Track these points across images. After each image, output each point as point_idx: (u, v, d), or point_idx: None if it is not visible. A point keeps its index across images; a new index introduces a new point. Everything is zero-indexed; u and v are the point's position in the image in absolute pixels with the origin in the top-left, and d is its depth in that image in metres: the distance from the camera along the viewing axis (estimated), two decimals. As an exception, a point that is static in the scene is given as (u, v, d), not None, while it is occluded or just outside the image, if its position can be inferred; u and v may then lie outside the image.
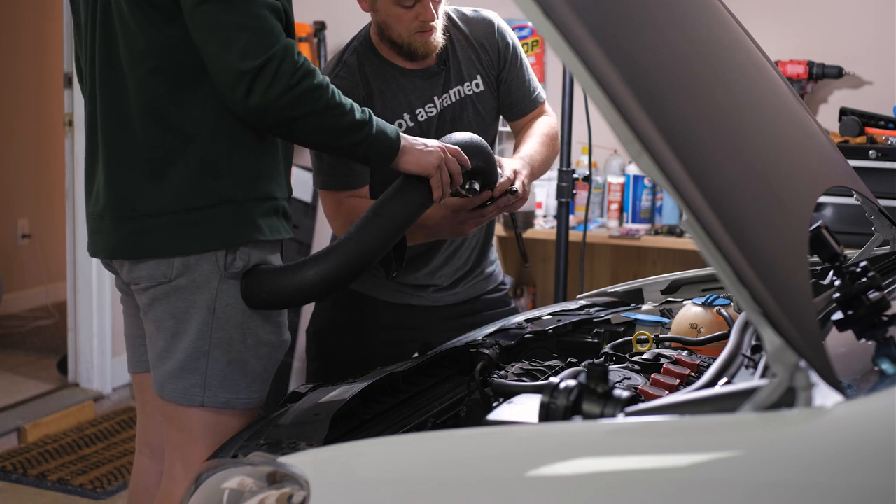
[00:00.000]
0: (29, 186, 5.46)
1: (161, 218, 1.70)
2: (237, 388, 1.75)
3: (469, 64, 2.21)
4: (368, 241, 1.76)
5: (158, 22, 1.67)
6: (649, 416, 1.18)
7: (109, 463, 3.61)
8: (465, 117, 2.20)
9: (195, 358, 1.73)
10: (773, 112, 1.66)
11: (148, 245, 1.72)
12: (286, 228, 1.79)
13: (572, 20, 1.16)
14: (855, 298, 1.45)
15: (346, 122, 1.69)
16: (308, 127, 1.67)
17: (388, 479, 1.22)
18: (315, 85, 1.64)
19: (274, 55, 1.60)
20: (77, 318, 4.20)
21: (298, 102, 1.63)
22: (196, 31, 1.63)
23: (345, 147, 1.74)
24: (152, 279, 1.72)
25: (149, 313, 1.76)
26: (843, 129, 3.36)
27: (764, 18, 3.66)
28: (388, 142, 1.76)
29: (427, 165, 1.80)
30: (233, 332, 1.73)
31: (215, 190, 1.70)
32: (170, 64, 1.68)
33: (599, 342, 1.90)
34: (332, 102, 1.67)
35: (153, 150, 1.71)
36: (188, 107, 1.69)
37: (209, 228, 1.70)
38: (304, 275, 1.73)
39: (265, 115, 1.63)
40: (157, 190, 1.70)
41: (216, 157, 1.70)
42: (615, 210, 3.86)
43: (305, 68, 1.63)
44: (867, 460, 1.03)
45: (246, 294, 1.73)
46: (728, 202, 1.21)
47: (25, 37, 5.37)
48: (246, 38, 1.60)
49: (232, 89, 1.61)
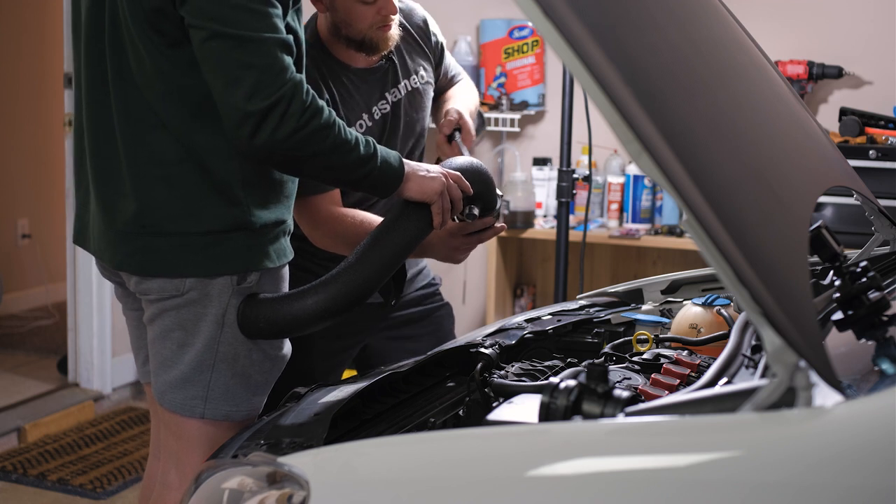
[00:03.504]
0: (29, 186, 5.46)
1: (173, 238, 1.68)
2: (238, 402, 1.74)
3: (413, 57, 2.22)
4: (369, 271, 1.74)
5: (162, 47, 1.64)
6: (649, 416, 1.18)
7: (109, 463, 3.61)
8: (414, 110, 2.20)
9: (199, 371, 1.72)
10: (773, 112, 1.66)
11: (157, 264, 1.70)
12: (291, 249, 1.79)
13: (572, 20, 1.16)
14: (855, 298, 1.45)
15: (352, 158, 1.67)
16: (316, 165, 1.66)
17: (388, 479, 1.22)
18: (322, 124, 1.62)
19: (283, 97, 1.57)
20: (77, 318, 4.20)
21: (307, 143, 1.61)
22: (204, 65, 1.60)
23: (351, 181, 1.73)
24: (164, 292, 1.71)
25: (155, 321, 1.74)
26: (843, 129, 3.36)
27: (764, 18, 3.66)
28: (393, 171, 1.75)
29: (430, 192, 1.79)
30: (239, 347, 1.72)
31: (229, 215, 1.68)
32: (178, 87, 1.65)
33: (599, 342, 1.90)
34: (339, 140, 1.65)
35: (166, 167, 1.68)
36: (201, 128, 1.67)
37: (220, 253, 1.68)
38: (304, 304, 1.71)
39: (271, 155, 1.61)
40: (168, 208, 1.68)
41: (229, 180, 1.68)
42: (615, 210, 3.86)
43: (314, 107, 1.61)
44: (867, 460, 1.03)
45: (243, 323, 1.71)
46: (728, 202, 1.21)
47: (25, 37, 5.37)
48: (254, 78, 1.56)
49: (237, 129, 1.59)
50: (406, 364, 1.72)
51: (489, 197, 1.95)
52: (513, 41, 3.96)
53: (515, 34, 3.96)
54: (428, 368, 1.75)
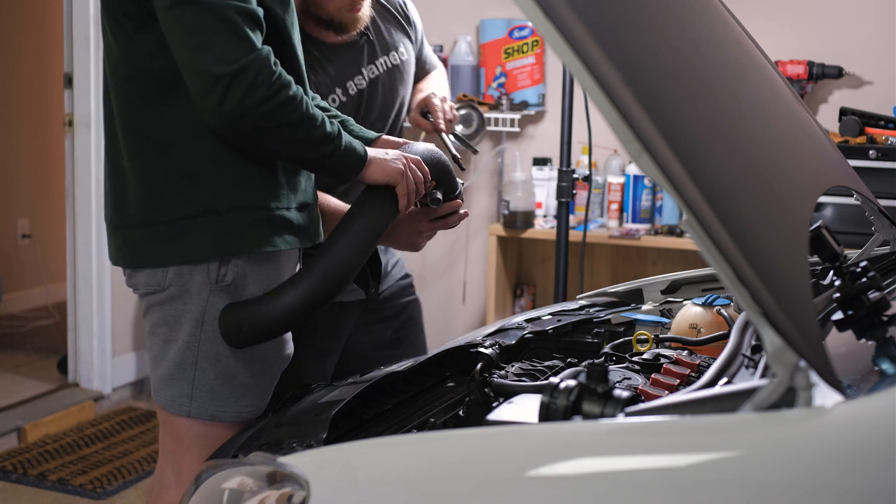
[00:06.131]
0: (29, 186, 5.46)
1: (147, 228, 1.69)
2: (225, 402, 1.72)
3: (393, 34, 2.22)
4: (342, 258, 1.72)
5: (129, 31, 1.66)
6: (649, 416, 1.18)
7: (109, 463, 3.61)
8: (394, 87, 2.21)
9: (183, 367, 1.71)
10: (773, 112, 1.66)
11: (140, 255, 1.71)
12: (285, 240, 1.72)
13: (572, 20, 1.16)
14: (855, 298, 1.45)
15: (317, 134, 1.66)
16: (280, 138, 1.64)
17: (388, 479, 1.22)
18: (291, 96, 1.61)
19: (250, 63, 1.56)
20: (77, 318, 4.20)
21: (275, 113, 1.59)
22: (170, 36, 1.60)
23: (313, 160, 1.70)
24: (148, 286, 1.72)
25: (146, 316, 1.76)
26: (843, 129, 3.36)
27: (764, 18, 3.66)
28: (356, 154, 1.73)
29: (393, 173, 1.77)
30: (221, 347, 1.70)
31: (195, 199, 1.66)
32: (143, 72, 1.66)
33: (599, 342, 1.90)
34: (305, 115, 1.64)
35: (133, 158, 1.69)
36: (165, 114, 1.66)
37: (193, 239, 1.67)
38: (283, 300, 1.67)
39: (239, 123, 1.59)
40: (140, 199, 1.69)
41: (195, 165, 1.67)
42: (615, 210, 3.86)
43: (283, 79, 1.60)
44: (867, 460, 1.03)
45: (227, 334, 1.68)
46: (728, 202, 1.21)
47: (25, 37, 5.37)
48: (221, 43, 1.56)
49: (205, 95, 1.57)
50: (406, 364, 1.72)
51: (449, 181, 1.95)
52: (513, 41, 3.96)
53: (515, 34, 3.96)
54: (428, 368, 1.75)
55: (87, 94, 4.02)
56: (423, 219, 2.01)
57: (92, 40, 4.00)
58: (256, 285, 1.71)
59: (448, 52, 4.12)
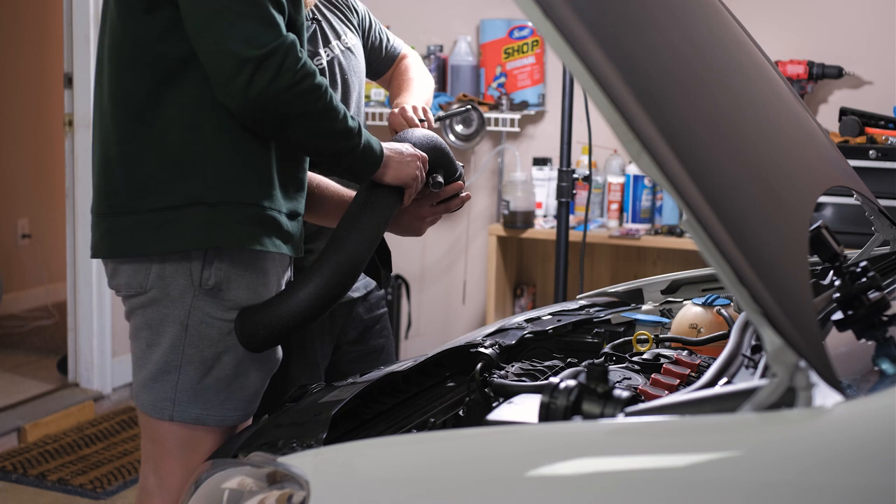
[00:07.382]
0: (29, 186, 5.46)
1: (134, 216, 1.64)
2: (209, 405, 1.69)
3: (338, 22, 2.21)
4: (352, 251, 1.71)
5: (138, 12, 1.62)
6: (649, 416, 1.18)
7: (109, 463, 3.61)
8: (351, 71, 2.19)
9: (166, 371, 1.68)
10: (773, 112, 1.66)
11: (119, 244, 1.66)
12: (274, 243, 1.67)
13: (572, 20, 1.16)
14: (855, 298, 1.45)
15: (339, 127, 1.64)
16: (302, 128, 1.62)
17: (388, 479, 1.22)
18: (316, 84, 1.60)
19: (278, 47, 1.55)
20: (77, 318, 4.20)
21: (300, 101, 1.58)
22: (195, 17, 1.57)
23: (332, 154, 1.68)
24: (130, 288, 1.68)
25: (129, 319, 1.73)
26: (843, 129, 3.36)
27: (764, 18, 3.66)
28: (373, 154, 1.72)
29: (406, 178, 1.77)
30: (206, 350, 1.67)
31: (185, 189, 1.63)
32: (148, 56, 1.63)
33: (599, 342, 1.90)
34: (329, 106, 1.62)
35: (125, 144, 1.65)
36: (163, 102, 1.63)
37: (179, 229, 1.62)
38: (297, 297, 1.66)
39: (264, 109, 1.57)
40: (129, 186, 1.64)
41: (189, 155, 1.63)
42: (615, 210, 3.86)
43: (308, 66, 1.59)
44: (867, 460, 1.03)
45: (244, 338, 1.66)
46: (728, 202, 1.21)
47: (25, 37, 5.37)
48: (250, 26, 1.54)
49: (232, 78, 1.55)
50: (406, 364, 1.72)
51: (449, 165, 1.95)
52: (513, 41, 3.96)
53: (515, 34, 3.96)
54: (428, 368, 1.75)
55: (87, 94, 4.02)
56: (425, 203, 2.01)
57: (92, 40, 4.00)
58: (241, 290, 1.67)
59: (448, 52, 4.12)
